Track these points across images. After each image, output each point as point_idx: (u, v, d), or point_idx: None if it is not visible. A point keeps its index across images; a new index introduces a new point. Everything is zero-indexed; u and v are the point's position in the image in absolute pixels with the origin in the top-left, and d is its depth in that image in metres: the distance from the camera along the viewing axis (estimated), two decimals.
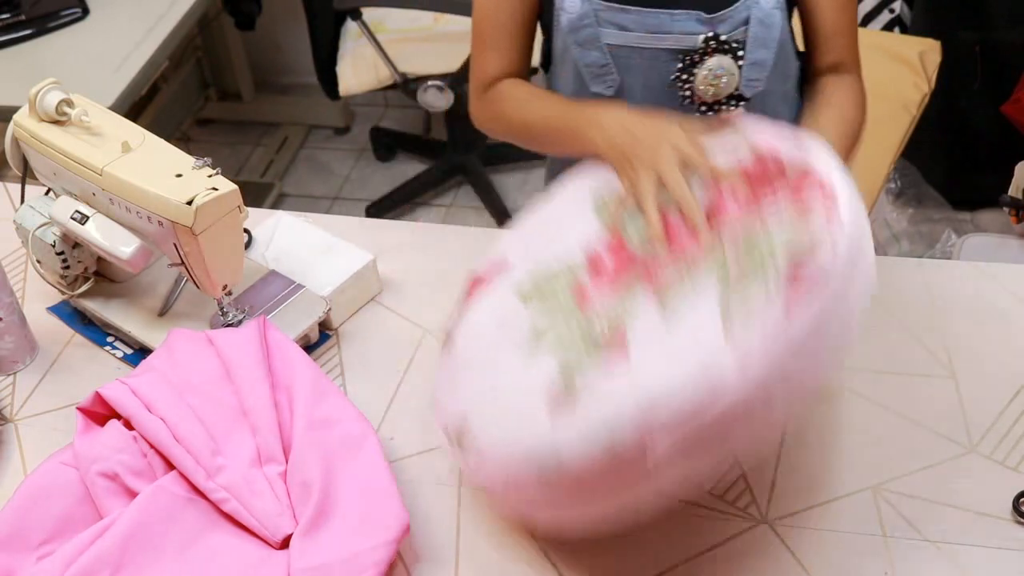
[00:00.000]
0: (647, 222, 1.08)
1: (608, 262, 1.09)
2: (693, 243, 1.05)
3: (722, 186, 1.08)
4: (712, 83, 1.31)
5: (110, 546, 1.07)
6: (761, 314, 0.95)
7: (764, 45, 1.31)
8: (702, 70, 1.31)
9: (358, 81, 2.83)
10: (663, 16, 1.30)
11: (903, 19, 2.72)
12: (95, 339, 1.40)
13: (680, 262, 1.04)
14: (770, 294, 0.96)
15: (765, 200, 1.04)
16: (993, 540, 1.09)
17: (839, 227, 1.00)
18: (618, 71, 1.34)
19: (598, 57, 1.34)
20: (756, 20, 1.30)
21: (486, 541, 1.14)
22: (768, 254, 0.98)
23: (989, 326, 1.31)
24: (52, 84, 1.29)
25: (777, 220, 1.01)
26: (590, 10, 1.31)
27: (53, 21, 2.37)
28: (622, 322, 1.01)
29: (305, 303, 1.35)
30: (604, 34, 1.32)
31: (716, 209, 1.06)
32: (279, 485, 1.14)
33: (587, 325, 1.03)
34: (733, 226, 1.03)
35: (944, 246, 2.51)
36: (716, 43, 1.30)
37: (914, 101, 2.26)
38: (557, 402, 0.99)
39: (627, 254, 1.09)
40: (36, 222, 1.36)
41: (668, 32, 1.31)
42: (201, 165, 1.24)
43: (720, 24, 1.30)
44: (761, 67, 1.32)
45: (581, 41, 1.33)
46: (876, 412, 1.23)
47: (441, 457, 1.23)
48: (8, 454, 1.27)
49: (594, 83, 1.36)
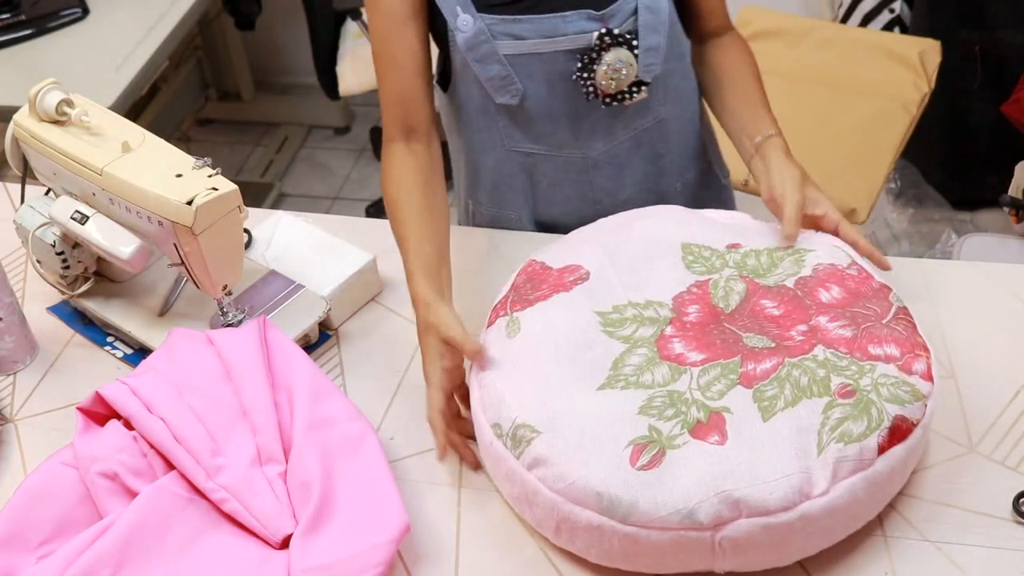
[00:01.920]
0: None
1: (694, 320, 1.17)
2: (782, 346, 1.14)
3: (818, 297, 1.19)
4: (612, 77, 1.35)
5: (110, 546, 1.07)
6: (858, 444, 1.05)
7: (655, 30, 1.35)
8: (601, 66, 1.34)
9: (358, 81, 2.83)
10: (555, 20, 1.33)
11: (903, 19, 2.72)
12: (95, 339, 1.40)
13: (772, 358, 1.12)
14: (871, 431, 1.05)
15: (867, 326, 1.14)
16: (993, 540, 1.09)
17: (934, 385, 1.12)
18: (520, 79, 1.36)
19: (499, 70, 1.35)
20: (644, 8, 1.34)
21: (486, 541, 1.14)
22: (875, 394, 1.08)
23: (989, 326, 1.31)
24: (52, 84, 1.29)
25: (884, 359, 1.11)
26: (484, 26, 1.33)
27: (53, 21, 2.37)
28: (718, 402, 1.08)
29: (305, 303, 1.35)
30: (501, 46, 1.34)
31: (805, 318, 1.16)
32: (279, 485, 1.13)
33: (679, 389, 1.10)
34: (833, 344, 1.12)
35: (944, 246, 2.51)
36: (610, 38, 1.33)
37: (914, 101, 2.26)
38: (644, 456, 1.04)
39: (714, 320, 1.17)
40: (36, 222, 1.36)
41: (562, 34, 1.33)
42: (201, 165, 1.24)
43: (611, 19, 1.33)
44: (656, 52, 1.36)
45: (479, 57, 1.35)
46: None
47: None
48: (8, 454, 1.27)
49: (498, 95, 1.38)
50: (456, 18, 1.33)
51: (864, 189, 2.12)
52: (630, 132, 1.44)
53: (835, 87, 2.29)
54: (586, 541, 1.06)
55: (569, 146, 1.43)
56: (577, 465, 1.05)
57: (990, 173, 2.53)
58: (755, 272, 1.22)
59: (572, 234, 1.34)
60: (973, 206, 2.78)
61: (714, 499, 1.01)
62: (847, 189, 2.11)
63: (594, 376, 1.13)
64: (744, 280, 1.21)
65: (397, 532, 1.08)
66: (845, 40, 2.42)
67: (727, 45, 1.46)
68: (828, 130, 2.22)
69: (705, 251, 1.25)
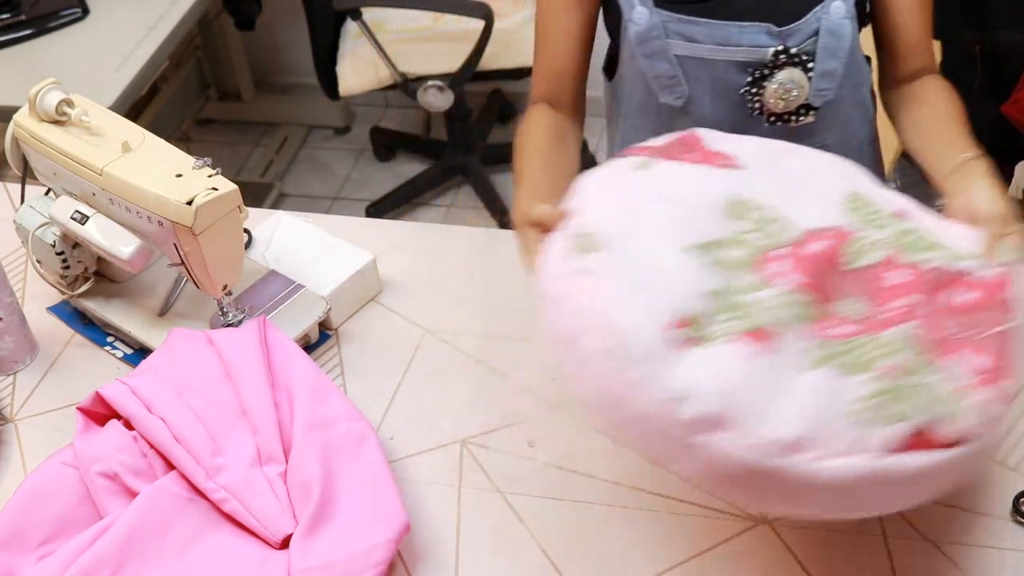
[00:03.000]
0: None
1: (807, 254, 1.05)
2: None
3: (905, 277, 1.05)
4: (782, 96, 1.30)
5: (110, 546, 1.07)
6: (871, 427, 0.94)
7: (834, 56, 1.30)
8: (772, 84, 1.30)
9: (358, 81, 2.83)
10: (732, 28, 1.29)
11: None
12: (95, 339, 1.40)
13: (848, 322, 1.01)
14: (891, 428, 0.94)
15: (949, 325, 1.02)
16: (993, 540, 1.09)
17: (990, 424, 0.97)
18: (687, 82, 1.33)
19: (667, 68, 1.32)
20: (826, 31, 1.29)
21: (486, 541, 1.14)
22: (917, 392, 0.96)
23: None
24: (52, 84, 1.29)
25: (949, 369, 0.98)
26: (658, 22, 1.29)
27: (53, 21, 2.37)
28: (773, 324, 0.98)
29: (305, 303, 1.35)
30: (672, 45, 1.31)
31: (893, 294, 1.04)
32: (279, 485, 1.14)
33: (747, 300, 1.00)
34: (905, 326, 1.01)
35: None
36: (786, 56, 1.29)
37: None
38: (681, 332, 0.96)
39: (828, 266, 1.05)
40: (36, 222, 1.36)
41: (737, 45, 1.29)
42: (201, 165, 1.24)
43: (789, 37, 1.29)
44: (831, 77, 1.31)
45: (649, 53, 1.31)
46: None
47: (441, 457, 1.23)
48: (8, 454, 1.27)
49: (663, 94, 1.34)
50: (632, 9, 1.30)
51: None
52: None
53: None
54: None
55: None
56: (620, 291, 0.97)
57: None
58: (907, 247, 1.09)
59: (741, 137, 1.19)
60: None
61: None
62: None
63: (684, 238, 1.02)
64: (889, 251, 1.08)
65: (397, 531, 1.08)
66: None
67: (929, 82, 1.37)
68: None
69: (872, 206, 1.12)
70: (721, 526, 1.14)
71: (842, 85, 1.34)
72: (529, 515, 1.16)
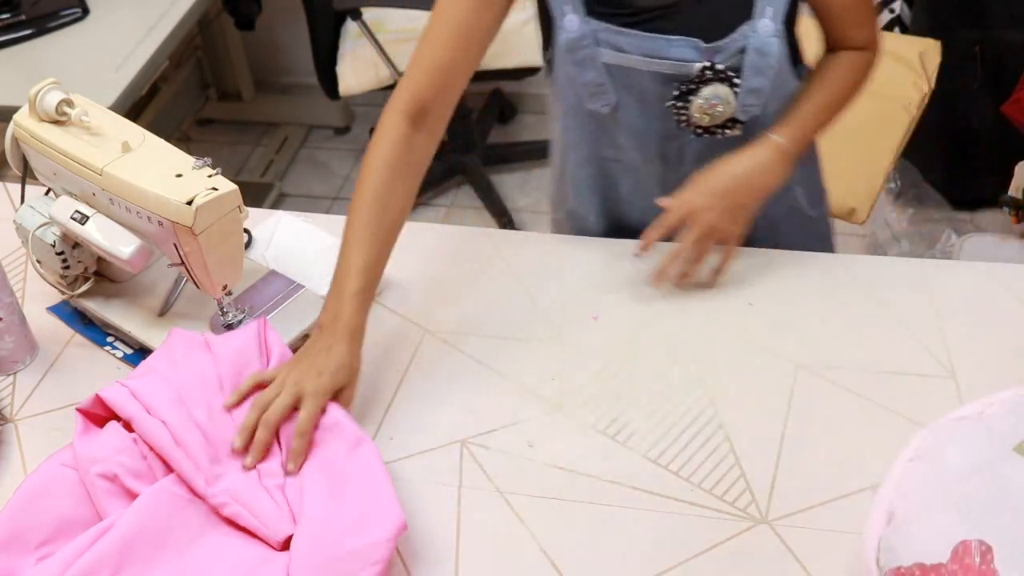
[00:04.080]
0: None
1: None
2: None
3: None
4: (707, 111, 1.32)
5: (110, 548, 1.07)
6: None
7: (761, 73, 1.31)
8: (698, 99, 1.31)
9: (358, 81, 2.83)
10: (660, 41, 1.30)
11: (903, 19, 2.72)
12: (95, 339, 1.40)
13: None
14: None
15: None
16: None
17: None
18: (615, 90, 1.35)
19: (594, 76, 1.34)
20: (753, 49, 1.29)
21: (486, 541, 1.14)
22: None
23: (989, 326, 1.31)
24: (52, 84, 1.29)
25: None
26: (589, 31, 1.31)
27: (53, 21, 2.37)
28: None
29: (305, 303, 1.35)
30: (601, 53, 1.32)
31: None
32: (278, 495, 1.14)
33: None
34: None
35: (944, 246, 2.51)
36: (712, 72, 1.30)
37: (914, 101, 2.26)
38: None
39: None
40: (36, 222, 1.36)
41: (665, 58, 1.31)
42: (201, 165, 1.24)
43: (716, 54, 1.30)
44: (758, 94, 1.32)
45: (578, 60, 1.33)
46: (876, 412, 1.23)
47: (441, 457, 1.23)
48: (8, 454, 1.27)
49: (590, 101, 1.36)
50: (564, 17, 1.31)
51: (864, 189, 2.12)
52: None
53: None
54: None
55: (655, 164, 1.42)
56: None
57: (990, 173, 2.53)
58: None
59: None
60: (973, 206, 2.78)
61: None
62: (847, 189, 2.11)
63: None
64: None
65: (394, 530, 1.08)
66: None
67: (840, 56, 1.38)
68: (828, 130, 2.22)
69: None
70: (721, 526, 1.14)
71: (770, 100, 1.35)
72: (529, 515, 1.16)
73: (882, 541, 0.97)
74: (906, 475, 1.01)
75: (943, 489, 0.96)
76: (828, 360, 1.30)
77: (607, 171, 1.46)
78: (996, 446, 0.98)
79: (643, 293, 1.40)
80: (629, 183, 1.47)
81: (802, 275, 1.41)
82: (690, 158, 1.40)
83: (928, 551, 0.92)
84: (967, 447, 0.98)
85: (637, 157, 1.42)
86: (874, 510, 1.01)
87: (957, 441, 1.00)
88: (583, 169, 1.47)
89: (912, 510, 0.96)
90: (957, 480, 0.96)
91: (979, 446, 0.98)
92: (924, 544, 0.93)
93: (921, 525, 0.95)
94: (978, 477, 0.96)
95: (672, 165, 1.42)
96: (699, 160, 1.39)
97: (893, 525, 0.97)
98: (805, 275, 1.41)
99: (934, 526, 0.94)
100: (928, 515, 0.95)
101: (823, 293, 1.38)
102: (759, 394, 1.27)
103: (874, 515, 1.01)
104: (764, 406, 1.25)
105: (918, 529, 0.95)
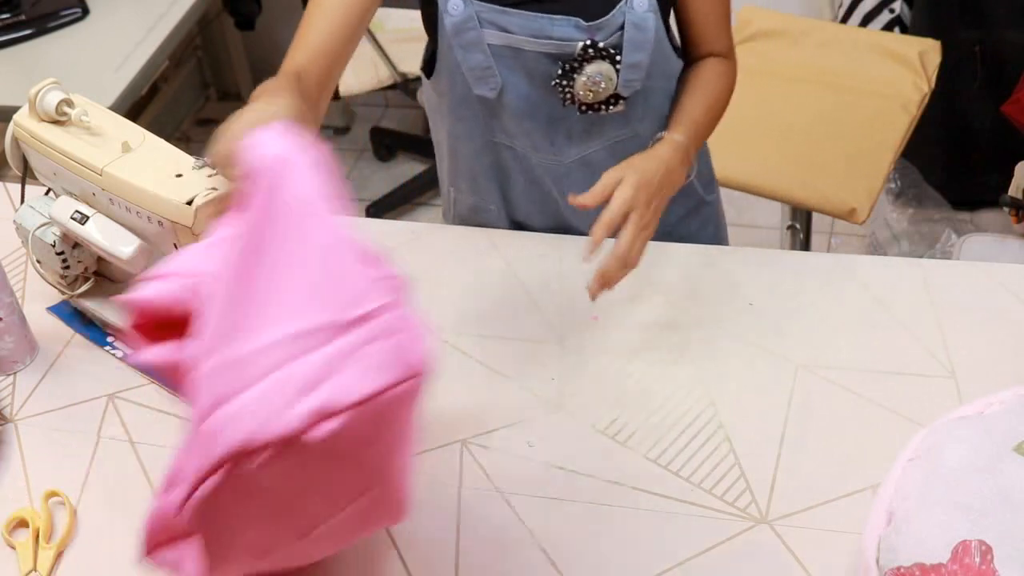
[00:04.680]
0: None
1: None
2: None
3: None
4: (591, 88, 1.35)
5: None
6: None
7: (640, 48, 1.34)
8: (581, 76, 1.34)
9: (358, 81, 2.83)
10: (543, 20, 1.33)
11: (903, 19, 2.72)
12: (95, 339, 1.40)
13: None
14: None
15: None
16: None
17: None
18: (501, 73, 1.37)
19: (481, 60, 1.36)
20: (630, 24, 1.33)
21: (486, 541, 1.14)
22: None
23: (989, 326, 1.31)
24: (52, 84, 1.29)
25: None
26: (473, 12, 1.33)
27: (53, 21, 2.37)
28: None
29: None
30: (487, 35, 1.34)
31: None
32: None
33: None
34: None
35: (944, 246, 2.51)
36: (594, 50, 1.32)
37: (914, 101, 2.26)
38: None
39: None
40: (36, 222, 1.36)
41: (548, 37, 1.33)
42: (201, 165, 1.24)
43: (598, 32, 1.33)
44: (638, 68, 1.35)
45: (464, 44, 1.35)
46: (876, 412, 1.24)
47: (441, 457, 1.23)
48: (8, 454, 1.27)
49: (477, 86, 1.38)
50: (448, 1, 1.33)
51: (864, 189, 2.12)
52: (605, 142, 1.43)
53: (835, 87, 2.29)
54: None
55: (544, 148, 1.44)
56: None
57: (990, 173, 2.53)
58: None
59: None
60: (973, 206, 2.78)
61: None
62: (847, 189, 2.11)
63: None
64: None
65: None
66: (845, 40, 2.42)
67: (709, 61, 1.43)
68: (828, 130, 2.22)
69: None
70: (721, 526, 1.14)
71: (651, 76, 1.38)
72: (529, 515, 1.16)
73: (882, 541, 0.97)
74: (906, 475, 1.01)
75: (943, 489, 0.96)
76: (828, 360, 1.30)
77: (501, 159, 1.48)
78: (996, 446, 0.98)
79: (643, 293, 1.40)
80: (522, 174, 1.48)
81: (802, 275, 1.42)
82: (576, 140, 1.43)
83: (928, 551, 0.92)
84: (967, 447, 0.99)
85: (526, 143, 1.44)
86: (874, 510, 1.01)
87: (957, 441, 1.00)
88: (479, 160, 1.49)
89: (912, 510, 0.96)
90: (957, 480, 0.96)
91: (979, 446, 0.98)
92: (924, 544, 0.93)
93: (921, 525, 0.95)
94: (978, 477, 0.96)
95: (559, 148, 1.43)
96: (583, 142, 1.42)
97: (893, 525, 0.97)
98: (805, 275, 1.42)
99: (934, 526, 0.94)
100: (928, 515, 0.95)
101: (823, 293, 1.38)
102: (759, 394, 1.27)
103: (874, 515, 1.01)
104: (764, 406, 1.25)
105: (918, 529, 0.95)
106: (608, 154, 1.44)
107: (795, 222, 2.34)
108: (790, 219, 2.33)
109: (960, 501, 0.94)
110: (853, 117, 2.26)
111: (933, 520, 0.94)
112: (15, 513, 1.20)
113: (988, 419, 1.02)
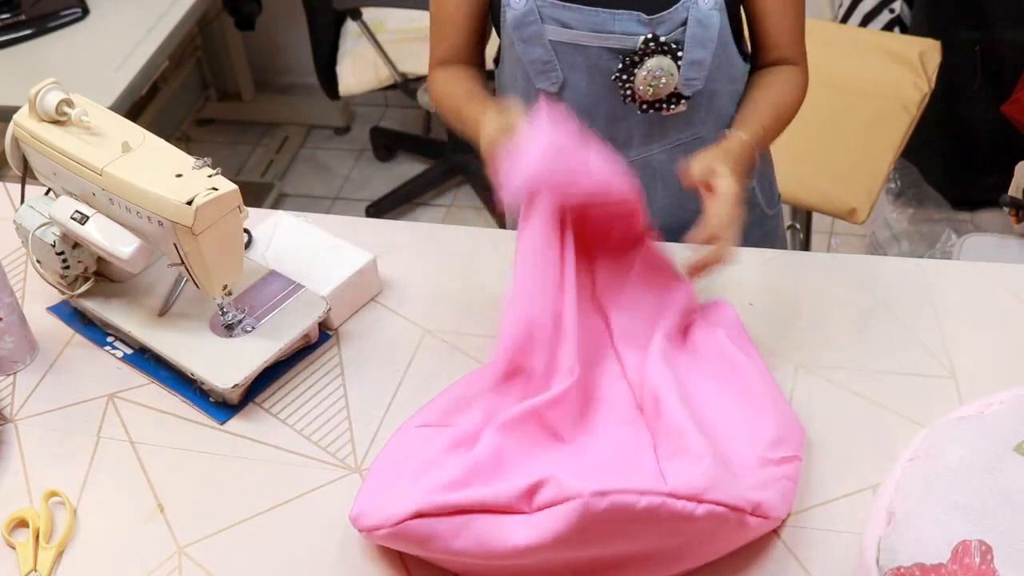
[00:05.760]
0: None
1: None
2: None
3: None
4: (651, 83, 1.34)
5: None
6: None
7: (702, 45, 1.33)
8: (641, 71, 1.33)
9: (358, 81, 2.83)
10: (605, 15, 1.32)
11: (903, 19, 2.72)
12: (95, 339, 1.40)
13: None
14: None
15: None
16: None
17: None
18: (561, 68, 1.36)
19: (542, 53, 1.36)
20: (694, 20, 1.32)
21: None
22: None
23: (989, 326, 1.31)
24: (52, 84, 1.29)
25: None
26: (534, 7, 1.33)
27: (53, 21, 2.37)
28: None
29: (305, 303, 1.35)
30: (548, 31, 1.34)
31: None
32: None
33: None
34: None
35: (944, 246, 2.51)
36: (655, 44, 1.32)
37: (914, 101, 2.26)
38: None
39: None
40: (36, 222, 1.36)
41: (610, 32, 1.33)
42: (201, 165, 1.24)
43: (659, 25, 1.32)
44: (700, 66, 1.34)
45: (525, 37, 1.35)
46: (876, 412, 1.23)
47: None
48: (8, 454, 1.27)
49: (538, 80, 1.38)
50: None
51: (864, 189, 2.12)
52: (667, 144, 1.42)
53: (835, 87, 2.29)
54: None
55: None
56: None
57: (990, 173, 2.53)
58: None
59: None
60: (973, 206, 2.78)
61: None
62: (847, 189, 2.12)
63: None
64: None
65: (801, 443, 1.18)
66: (845, 40, 2.42)
67: (783, 69, 1.41)
68: (828, 130, 2.22)
69: None
70: None
71: (715, 78, 1.37)
72: None
73: (882, 541, 0.97)
74: (906, 475, 1.01)
75: (943, 489, 0.96)
76: (828, 360, 1.30)
77: None
78: (996, 446, 0.98)
79: None
80: None
81: (802, 275, 1.41)
82: (637, 139, 1.42)
83: (928, 551, 0.92)
84: (967, 447, 0.99)
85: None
86: (874, 510, 1.01)
87: (957, 441, 1.00)
88: None
89: (912, 510, 0.96)
90: (957, 480, 0.96)
91: (979, 446, 0.98)
92: (924, 544, 0.93)
93: (921, 525, 0.95)
94: (978, 477, 0.96)
95: (620, 146, 1.42)
96: (645, 142, 1.41)
97: (893, 525, 0.97)
98: (805, 275, 1.41)
99: (934, 526, 0.94)
100: (928, 515, 0.95)
101: (823, 293, 1.38)
102: None
103: (874, 515, 1.01)
104: None
105: (918, 529, 0.95)
106: (669, 157, 1.43)
107: (795, 222, 2.35)
108: (790, 219, 2.33)
109: (960, 501, 0.94)
110: (853, 117, 2.26)
111: (933, 520, 0.94)
112: (15, 513, 1.20)
113: (988, 419, 1.02)
